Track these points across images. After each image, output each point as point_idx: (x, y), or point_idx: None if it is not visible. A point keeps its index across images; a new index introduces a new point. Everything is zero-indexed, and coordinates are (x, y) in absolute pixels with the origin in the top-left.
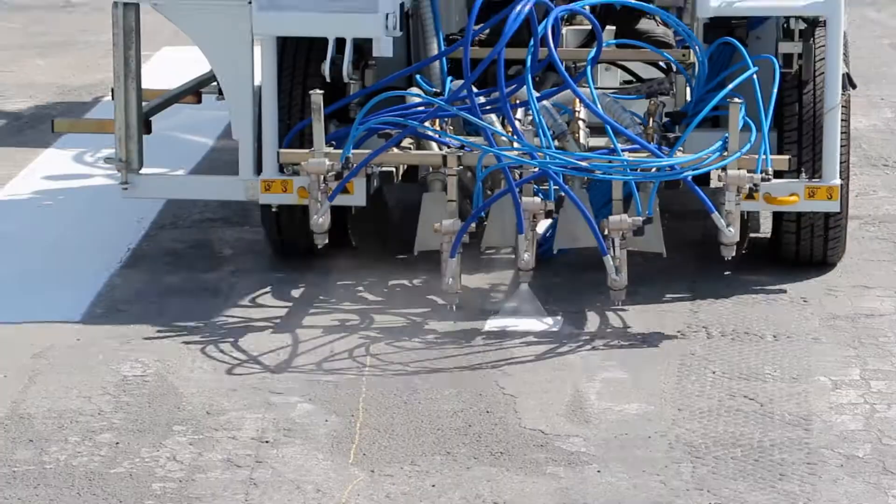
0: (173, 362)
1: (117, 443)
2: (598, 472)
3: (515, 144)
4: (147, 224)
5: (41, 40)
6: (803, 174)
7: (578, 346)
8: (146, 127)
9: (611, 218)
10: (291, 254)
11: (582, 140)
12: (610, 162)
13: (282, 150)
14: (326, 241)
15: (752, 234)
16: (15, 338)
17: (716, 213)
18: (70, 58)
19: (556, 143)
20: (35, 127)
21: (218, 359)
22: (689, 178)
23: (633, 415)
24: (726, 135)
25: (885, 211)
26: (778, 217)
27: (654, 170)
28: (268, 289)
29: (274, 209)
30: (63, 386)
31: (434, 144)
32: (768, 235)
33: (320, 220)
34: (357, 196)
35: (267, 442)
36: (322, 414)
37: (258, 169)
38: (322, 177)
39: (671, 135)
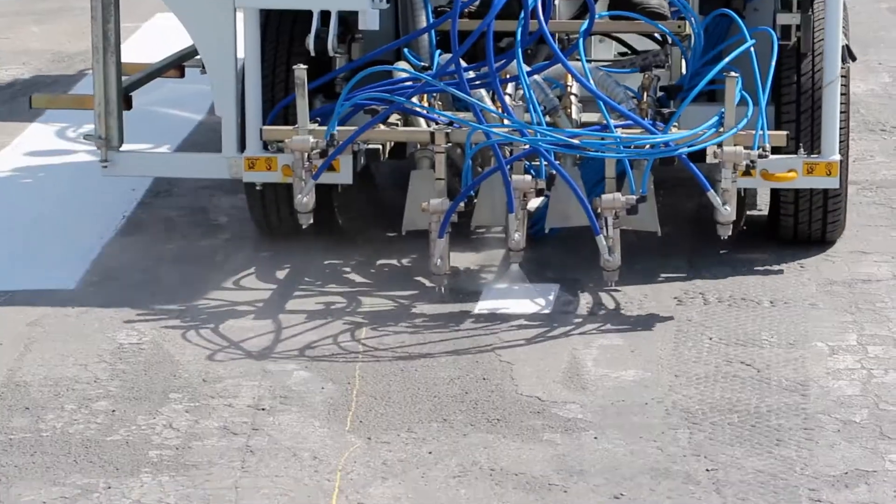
0: (169, 330)
1: (113, 410)
2: (595, 438)
3: (505, 121)
4: (141, 192)
5: (37, 7)
6: (801, 149)
7: (575, 314)
8: (126, 102)
9: (603, 197)
10: (277, 233)
11: (574, 115)
12: (602, 139)
13: (265, 128)
14: (311, 220)
15: (748, 212)
16: (10, 306)
17: (711, 191)
18: (65, 24)
19: (548, 118)
20: (28, 95)
21: (214, 327)
22: (685, 156)
23: (630, 381)
24: (722, 110)
25: (882, 176)
26: (775, 194)
27: (647, 147)
28: (265, 254)
29: (258, 187)
30: (59, 354)
31: (422, 120)
32: (765, 212)
33: (304, 199)
34: (343, 174)
35: (263, 409)
36: (318, 382)
37: (242, 146)
38: (306, 154)
39: (666, 110)
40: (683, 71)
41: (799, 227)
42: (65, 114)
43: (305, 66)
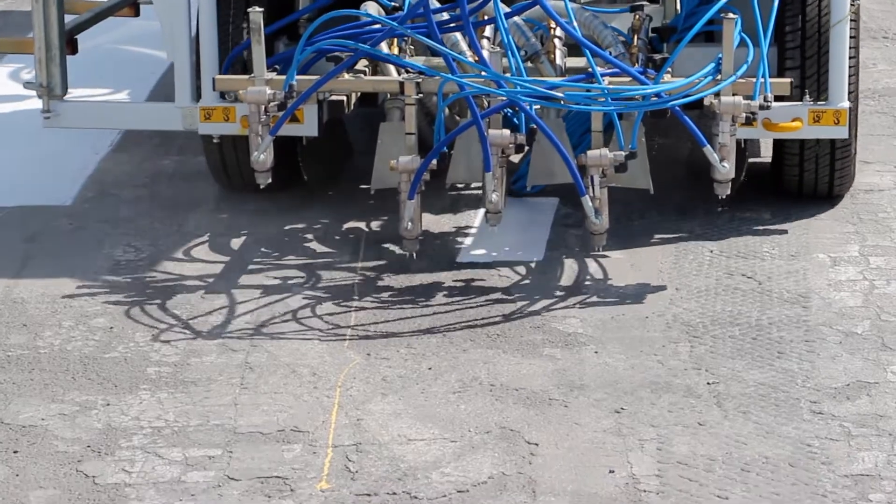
0: (166, 246)
1: (111, 327)
2: (596, 352)
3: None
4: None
5: None
6: (807, 96)
7: (574, 228)
8: (71, 47)
9: (589, 153)
10: (238, 189)
11: (558, 61)
12: (588, 91)
13: (218, 77)
14: (269, 180)
15: (751, 160)
16: (6, 223)
17: (708, 146)
18: None
19: (529, 64)
20: None
21: (212, 243)
22: (679, 108)
23: (631, 295)
24: (720, 55)
25: (884, 84)
26: (779, 143)
27: (638, 98)
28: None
29: (215, 140)
30: (56, 270)
31: (392, 67)
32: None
33: (262, 156)
34: (308, 125)
35: (262, 326)
36: (318, 298)
37: (197, 95)
38: (263, 107)
39: (658, 56)
40: (678, 9)
41: (804, 180)
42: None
43: (262, 10)
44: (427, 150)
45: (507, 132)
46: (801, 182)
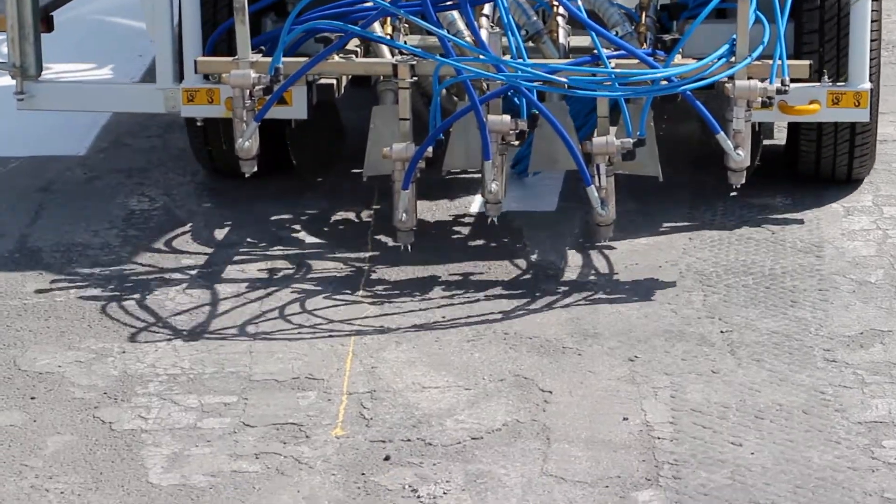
0: (180, 196)
1: (126, 276)
2: (609, 301)
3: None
4: (148, 59)
5: None
6: (826, 77)
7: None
8: (46, 24)
9: (595, 140)
10: (225, 175)
11: (562, 40)
12: (593, 75)
13: (200, 59)
14: (255, 168)
15: (766, 141)
16: (20, 172)
17: (721, 133)
18: None
19: (531, 43)
20: None
21: (225, 192)
22: (690, 92)
23: (644, 245)
24: (734, 36)
25: None
26: (795, 126)
27: (647, 83)
28: None
29: (199, 123)
30: (70, 220)
31: (385, 48)
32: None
33: (246, 143)
34: (296, 108)
35: (276, 275)
36: (331, 247)
37: (180, 76)
38: (248, 91)
39: (668, 37)
40: None
41: (821, 164)
42: None
43: None
44: (424, 132)
45: (507, 118)
46: (817, 166)
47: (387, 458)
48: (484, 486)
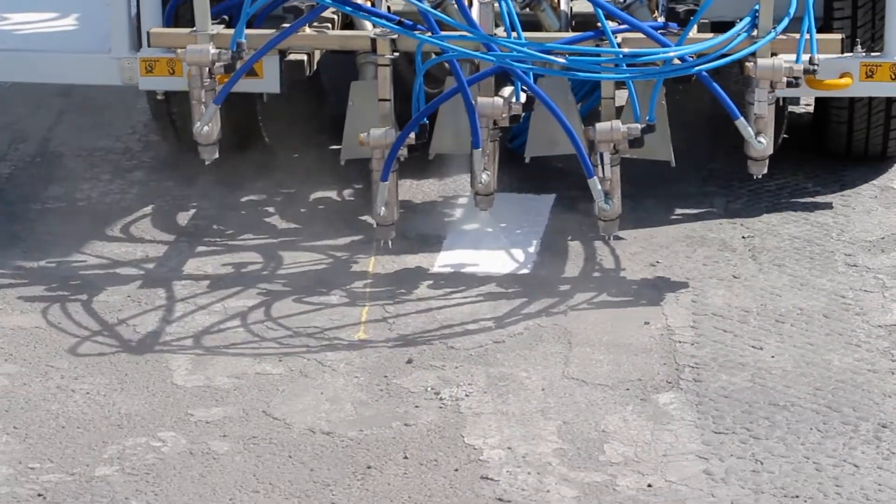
0: None
1: (148, 181)
2: (631, 207)
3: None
4: None
5: None
6: (859, 47)
7: None
8: None
9: (598, 126)
10: (190, 149)
11: (563, 7)
12: (598, 55)
13: (153, 30)
14: (216, 155)
15: (791, 108)
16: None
17: (741, 119)
18: None
19: (529, 11)
20: None
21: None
22: (706, 73)
23: None
24: (756, 6)
25: None
26: (824, 99)
27: (658, 63)
28: None
29: (160, 96)
30: (92, 124)
31: (365, 21)
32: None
33: (206, 128)
34: (268, 80)
35: (298, 180)
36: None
37: (137, 44)
38: (207, 69)
39: (682, 7)
40: None
41: (853, 141)
42: None
43: None
44: (409, 108)
45: (498, 100)
46: (849, 144)
47: (409, 361)
48: (505, 388)
